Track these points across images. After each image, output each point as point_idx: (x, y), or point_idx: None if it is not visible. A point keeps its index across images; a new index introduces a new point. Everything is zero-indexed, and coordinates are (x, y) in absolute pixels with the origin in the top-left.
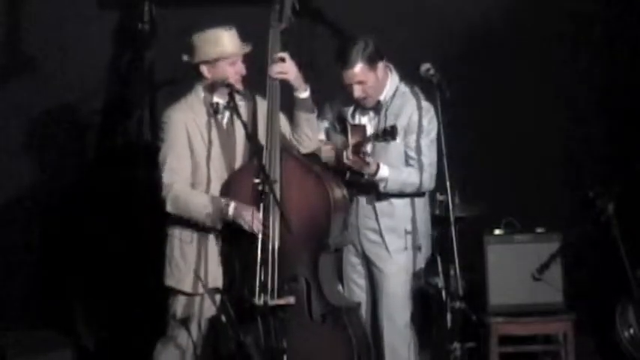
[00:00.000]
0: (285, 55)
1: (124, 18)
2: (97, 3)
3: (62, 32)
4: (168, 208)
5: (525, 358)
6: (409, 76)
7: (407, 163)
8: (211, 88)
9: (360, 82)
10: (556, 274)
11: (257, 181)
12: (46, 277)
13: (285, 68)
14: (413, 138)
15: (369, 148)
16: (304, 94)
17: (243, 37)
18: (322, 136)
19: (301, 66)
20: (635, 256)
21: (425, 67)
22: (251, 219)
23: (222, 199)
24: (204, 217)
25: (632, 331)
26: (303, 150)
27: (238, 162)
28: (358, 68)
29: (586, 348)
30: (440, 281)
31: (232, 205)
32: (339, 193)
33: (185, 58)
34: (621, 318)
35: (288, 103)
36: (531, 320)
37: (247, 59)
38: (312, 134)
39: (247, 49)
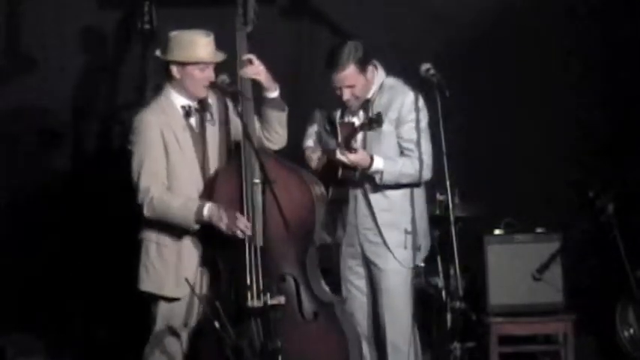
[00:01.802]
0: (252, 56)
1: (124, 18)
2: (97, 3)
3: (62, 32)
4: (146, 212)
5: (525, 358)
6: (409, 76)
7: (402, 154)
8: (182, 90)
9: (350, 86)
10: (556, 274)
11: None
12: (45, 278)
13: (256, 69)
14: (404, 129)
15: (359, 139)
16: (274, 93)
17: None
18: (311, 143)
19: (268, 66)
20: (635, 256)
21: (425, 67)
22: (229, 221)
23: (197, 201)
24: (180, 220)
25: (632, 331)
26: (274, 147)
27: (212, 164)
28: (348, 71)
29: (586, 348)
30: (440, 281)
31: (207, 205)
32: (318, 189)
33: (157, 53)
34: (621, 318)
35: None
36: (531, 320)
37: (219, 65)
38: (283, 131)
39: (220, 58)
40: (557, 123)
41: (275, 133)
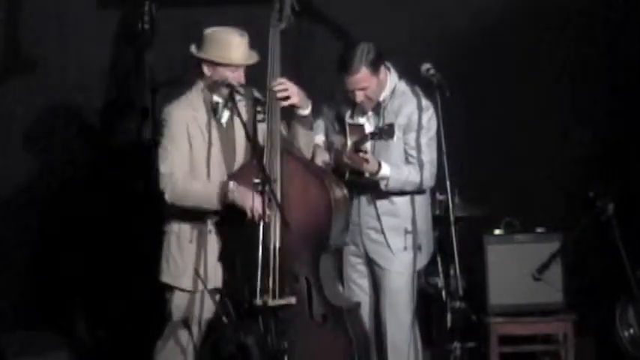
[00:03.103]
0: (283, 79)
1: (124, 18)
2: (97, 3)
3: (62, 32)
4: (167, 197)
5: (525, 358)
6: (409, 76)
7: (407, 162)
8: (211, 87)
9: (363, 89)
10: (556, 274)
11: (257, 181)
12: (45, 277)
13: (288, 93)
14: (412, 136)
15: (368, 146)
16: (306, 111)
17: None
18: (321, 138)
19: (301, 84)
20: (635, 256)
21: (425, 67)
22: (251, 203)
23: (220, 182)
24: (204, 201)
25: (632, 331)
26: None
27: (237, 161)
28: (361, 74)
29: (586, 348)
30: (440, 281)
31: (232, 184)
32: (339, 192)
33: (192, 49)
34: (621, 318)
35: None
36: (531, 320)
37: (254, 65)
38: (307, 149)
39: (253, 60)
40: (558, 123)
41: (298, 147)
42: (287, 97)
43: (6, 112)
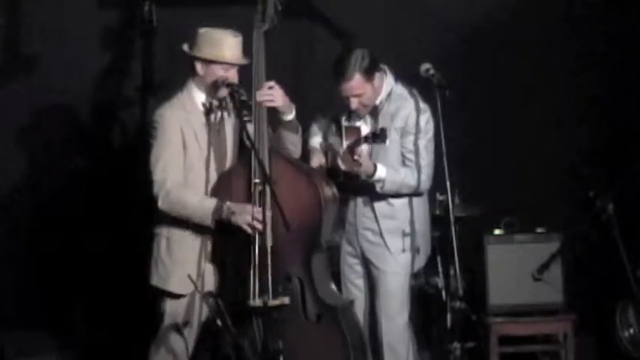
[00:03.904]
0: (272, 83)
1: (124, 18)
2: (97, 3)
3: (62, 32)
4: (160, 205)
5: (525, 358)
6: (409, 76)
7: (404, 164)
8: (209, 87)
9: (358, 95)
10: (556, 274)
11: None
12: (44, 278)
13: (273, 96)
14: (410, 139)
15: (363, 149)
16: (290, 116)
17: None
18: (318, 140)
19: (287, 89)
20: (635, 256)
21: (425, 67)
22: (249, 217)
23: (216, 200)
24: (197, 216)
25: (632, 331)
26: None
27: (228, 162)
28: (355, 81)
29: (586, 348)
30: (440, 281)
31: (226, 205)
32: (329, 191)
33: (185, 47)
34: (621, 318)
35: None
36: (531, 320)
37: (243, 69)
38: (296, 151)
39: (245, 61)
40: (558, 123)
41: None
42: (272, 101)
43: (6, 112)
